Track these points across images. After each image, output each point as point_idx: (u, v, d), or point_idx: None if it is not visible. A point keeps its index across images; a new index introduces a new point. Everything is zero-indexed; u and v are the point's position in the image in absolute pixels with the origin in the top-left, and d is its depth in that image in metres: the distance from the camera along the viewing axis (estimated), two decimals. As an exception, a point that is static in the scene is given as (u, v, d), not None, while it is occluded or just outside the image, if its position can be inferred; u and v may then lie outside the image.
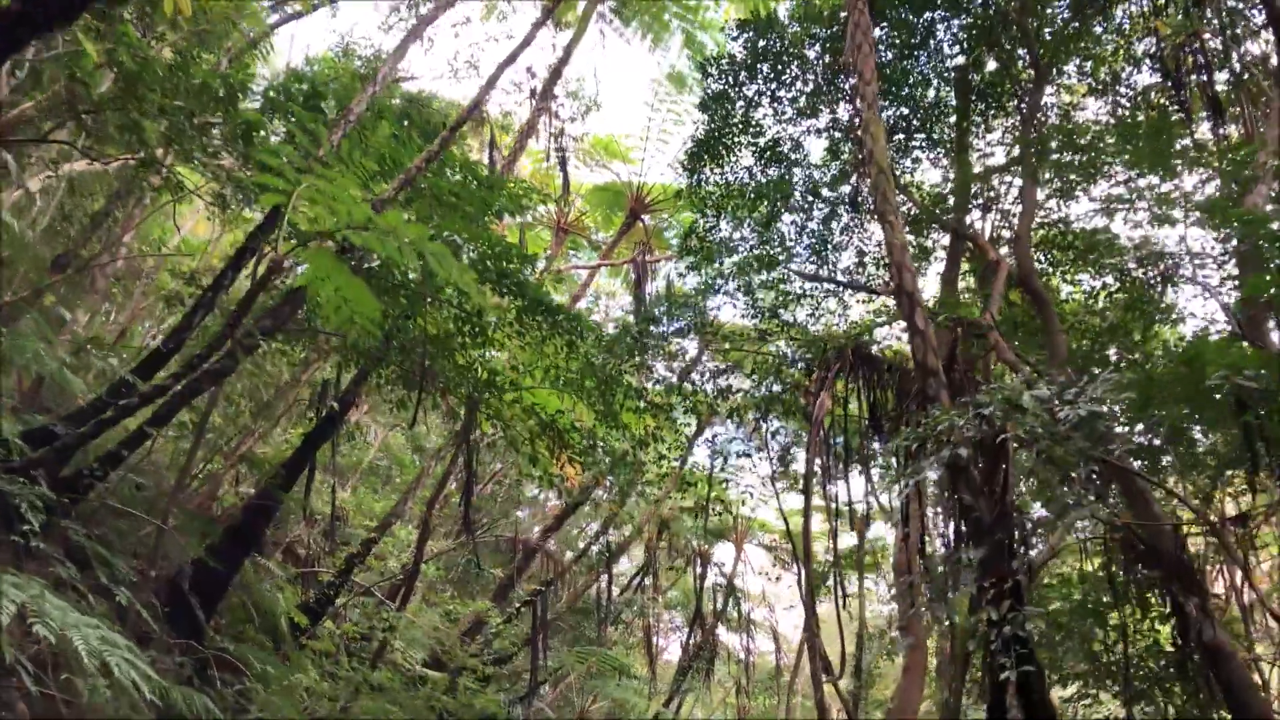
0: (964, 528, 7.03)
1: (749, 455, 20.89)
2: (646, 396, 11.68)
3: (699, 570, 24.31)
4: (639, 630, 25.32)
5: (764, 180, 13.24)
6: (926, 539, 9.00)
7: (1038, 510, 11.47)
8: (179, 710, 6.69)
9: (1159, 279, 12.34)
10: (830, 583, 20.90)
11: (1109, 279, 12.68)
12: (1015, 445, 7.09)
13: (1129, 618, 9.07)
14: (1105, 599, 9.66)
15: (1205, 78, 10.71)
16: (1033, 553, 8.50)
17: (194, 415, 10.59)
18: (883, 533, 23.56)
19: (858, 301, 15.55)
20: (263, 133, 9.10)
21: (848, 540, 23.61)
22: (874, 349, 11.91)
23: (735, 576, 23.17)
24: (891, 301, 13.16)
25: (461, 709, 10.67)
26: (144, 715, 6.42)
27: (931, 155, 13.85)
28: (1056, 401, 6.35)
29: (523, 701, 20.83)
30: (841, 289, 14.50)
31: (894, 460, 11.34)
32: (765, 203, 13.24)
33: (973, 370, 10.07)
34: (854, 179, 13.27)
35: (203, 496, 11.35)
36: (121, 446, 7.85)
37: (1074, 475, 7.05)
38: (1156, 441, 8.54)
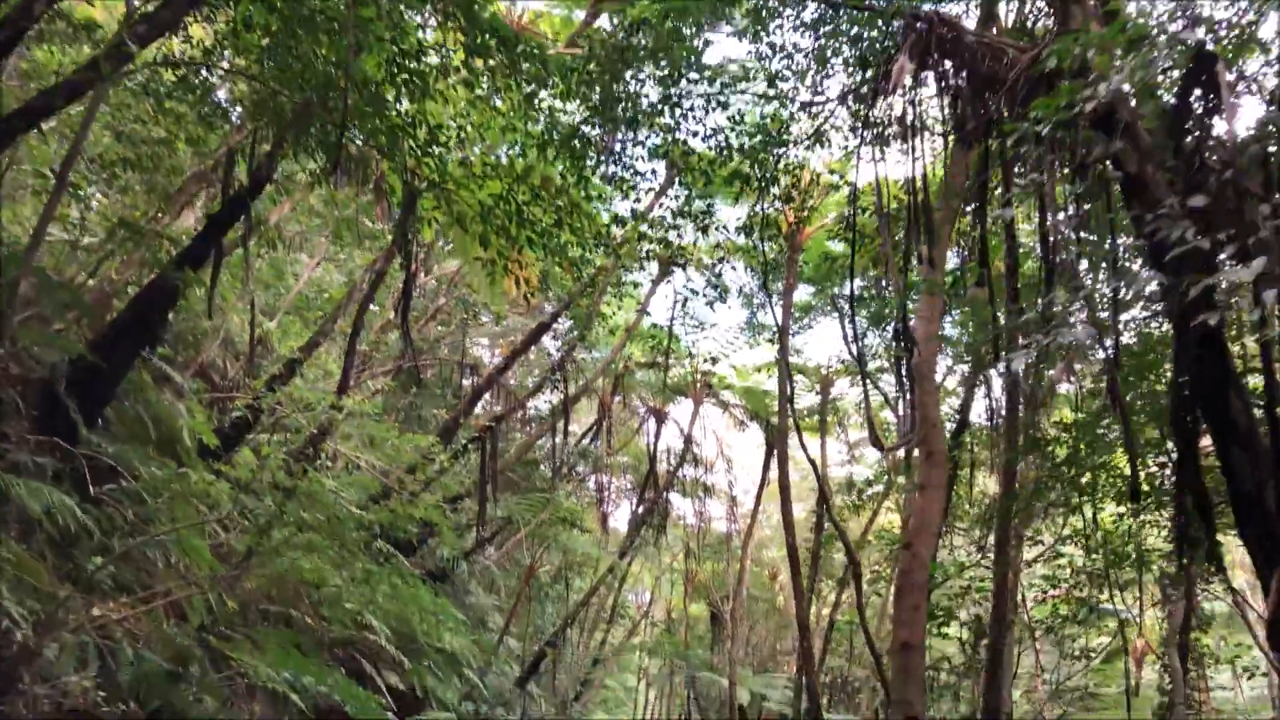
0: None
1: (719, 300, 19.51)
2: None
3: (654, 428, 23.28)
4: (591, 489, 24.37)
5: None
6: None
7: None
8: (23, 505, 5.17)
9: None
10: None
11: None
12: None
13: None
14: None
15: None
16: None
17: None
18: (845, 390, 22.68)
19: None
20: None
21: (809, 400, 22.69)
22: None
23: (692, 434, 22.13)
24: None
25: (399, 519, 9.35)
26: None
27: None
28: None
29: (468, 557, 19.81)
30: None
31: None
32: None
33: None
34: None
35: (97, 293, 9.55)
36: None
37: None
38: None
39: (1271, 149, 4.47)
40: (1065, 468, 9.67)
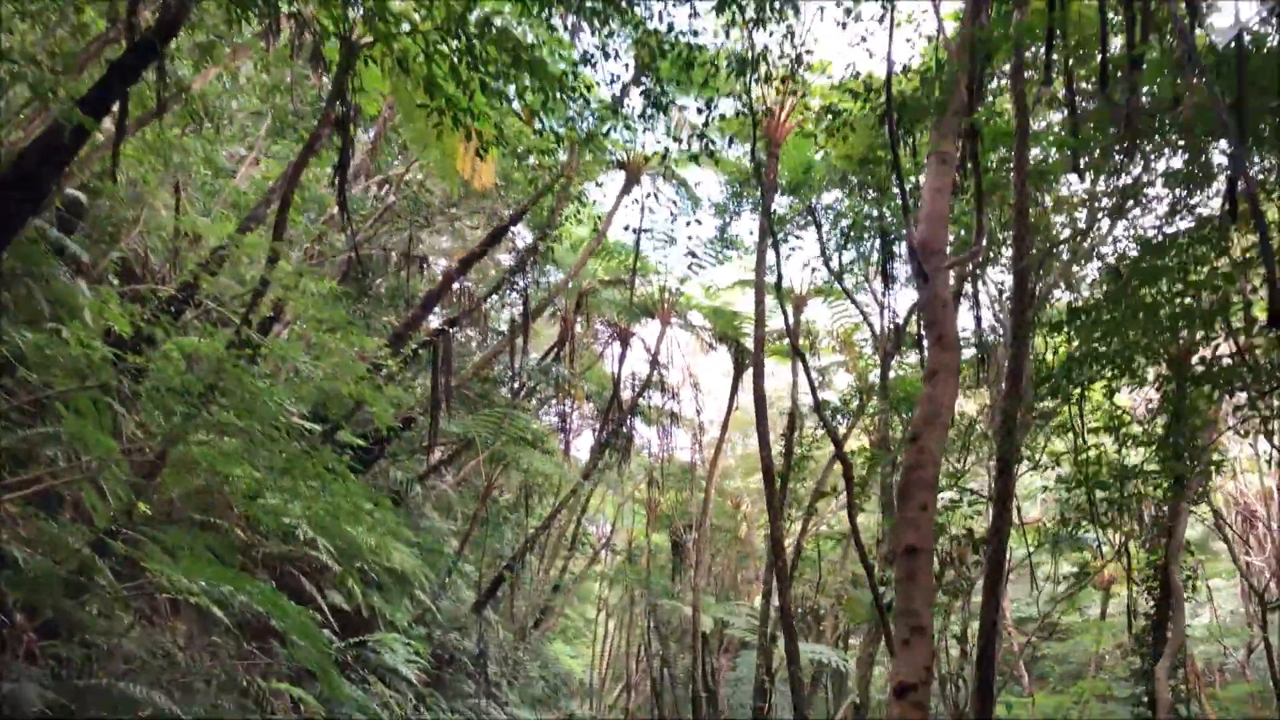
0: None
1: (691, 211, 18.50)
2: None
3: (618, 351, 22.37)
4: (554, 415, 23.52)
5: None
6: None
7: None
8: None
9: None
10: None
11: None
12: None
13: None
14: None
15: None
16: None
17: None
18: (818, 314, 21.91)
19: None
20: None
21: (779, 322, 21.87)
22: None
23: (659, 355, 21.25)
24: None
25: (329, 399, 8.37)
26: None
27: None
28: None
29: (423, 480, 18.91)
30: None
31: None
32: None
33: None
34: None
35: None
36: None
37: None
38: None
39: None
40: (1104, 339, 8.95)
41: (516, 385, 17.23)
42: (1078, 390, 12.72)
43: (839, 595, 24.44)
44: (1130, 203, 9.73)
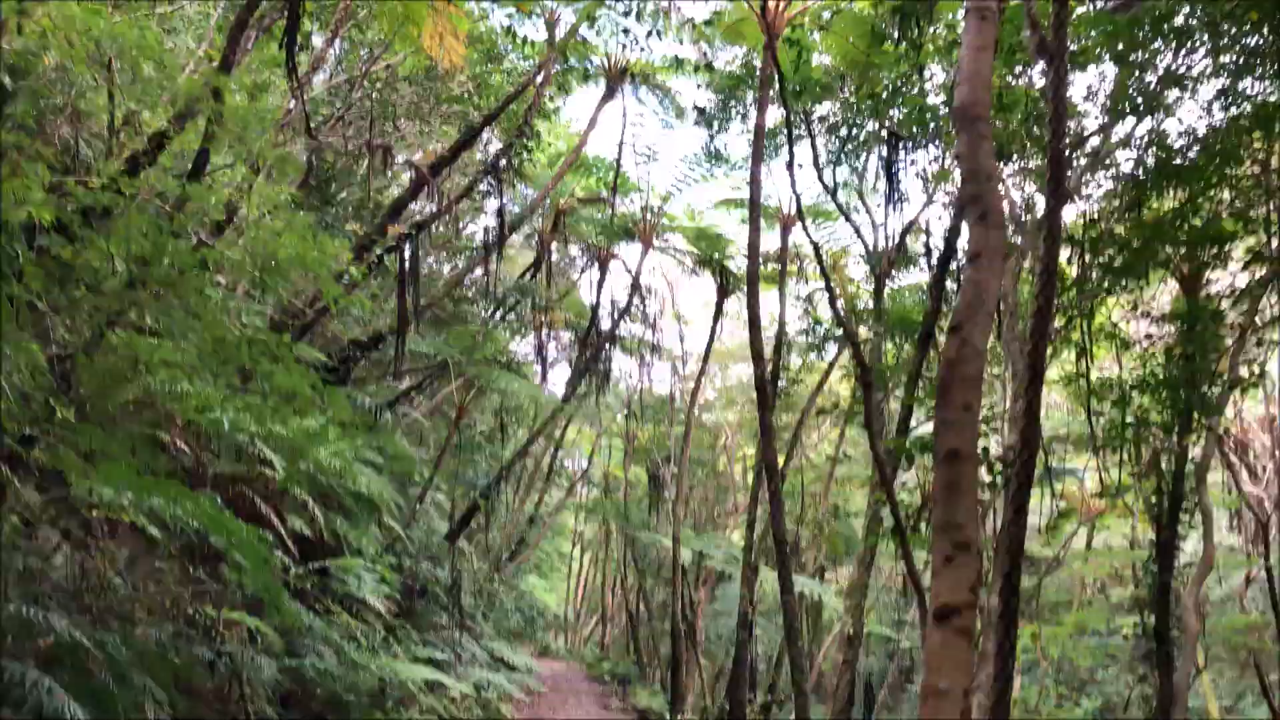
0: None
1: (674, 120, 17.40)
2: None
3: (597, 275, 21.40)
4: (530, 344, 22.56)
5: None
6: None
7: None
8: None
9: None
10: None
11: None
12: None
13: None
14: None
15: None
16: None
17: None
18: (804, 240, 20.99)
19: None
20: None
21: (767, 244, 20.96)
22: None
23: (640, 277, 20.32)
24: None
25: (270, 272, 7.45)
26: None
27: None
28: None
29: (392, 407, 18.01)
30: None
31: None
32: None
33: None
34: None
35: None
36: None
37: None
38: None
39: None
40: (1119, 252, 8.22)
41: (492, 302, 16.24)
42: (1095, 301, 12.10)
43: (820, 526, 24.03)
44: (1172, 92, 8.90)
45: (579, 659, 30.99)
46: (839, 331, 18.79)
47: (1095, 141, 11.11)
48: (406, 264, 11.75)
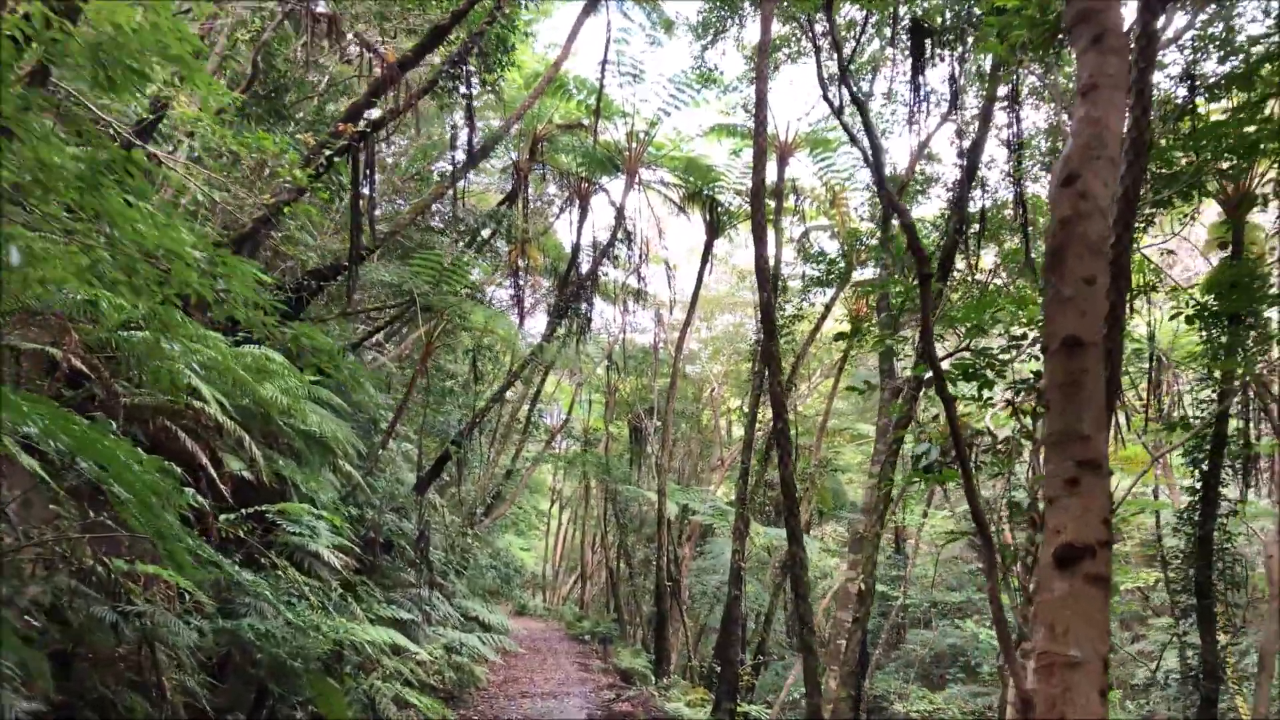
0: None
1: (662, 36, 15.88)
2: None
3: (577, 210, 19.95)
4: (506, 282, 21.13)
5: None
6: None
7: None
8: None
9: None
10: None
11: None
12: None
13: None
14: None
15: None
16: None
17: None
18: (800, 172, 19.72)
19: None
20: None
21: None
22: None
23: (624, 210, 18.90)
24: None
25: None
26: None
27: None
28: None
29: (356, 349, 16.61)
30: None
31: None
32: None
33: None
34: None
35: None
36: None
37: None
38: None
39: None
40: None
41: (464, 229, 14.78)
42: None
43: (811, 480, 22.96)
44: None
45: (558, 618, 29.99)
46: (840, 268, 17.53)
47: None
48: (360, 170, 10.28)
